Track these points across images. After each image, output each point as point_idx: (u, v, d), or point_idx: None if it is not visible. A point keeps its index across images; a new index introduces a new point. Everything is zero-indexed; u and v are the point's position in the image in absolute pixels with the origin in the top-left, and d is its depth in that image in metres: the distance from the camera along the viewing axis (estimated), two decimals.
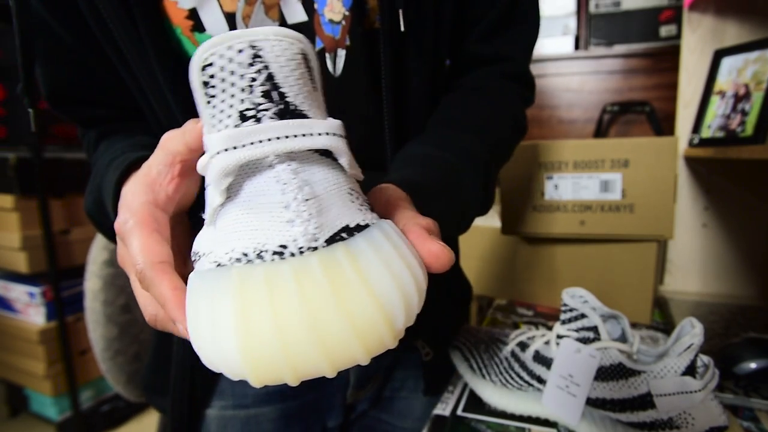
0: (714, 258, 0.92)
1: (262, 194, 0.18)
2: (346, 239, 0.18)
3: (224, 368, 0.18)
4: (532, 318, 0.75)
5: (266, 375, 0.17)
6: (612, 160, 0.67)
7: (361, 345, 0.17)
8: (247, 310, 0.17)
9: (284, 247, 0.17)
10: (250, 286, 0.17)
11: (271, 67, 0.18)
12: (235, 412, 0.50)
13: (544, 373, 0.47)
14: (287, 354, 0.16)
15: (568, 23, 1.83)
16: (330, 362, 0.17)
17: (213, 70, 0.18)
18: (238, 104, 0.18)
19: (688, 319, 0.43)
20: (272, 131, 0.18)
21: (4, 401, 1.74)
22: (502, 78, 0.49)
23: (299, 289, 0.17)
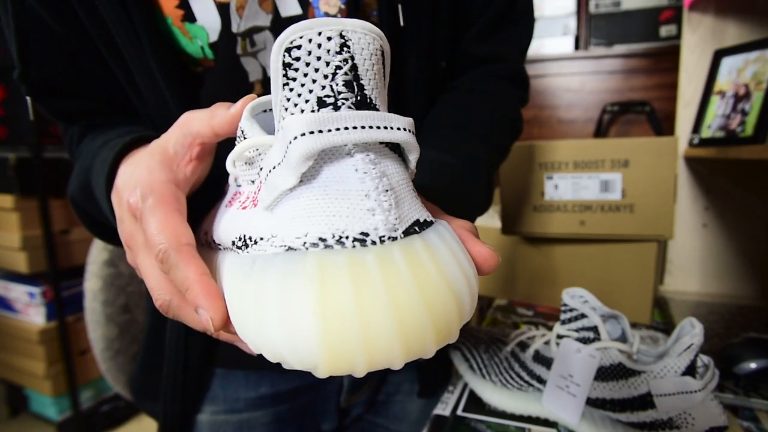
0: (714, 258, 0.92)
1: (340, 181, 0.18)
2: (419, 233, 0.19)
3: (291, 356, 0.17)
4: (532, 318, 0.75)
5: (340, 363, 0.16)
6: (612, 160, 0.67)
7: (435, 335, 0.17)
8: (329, 296, 0.16)
9: (366, 234, 0.17)
10: (332, 271, 0.16)
11: (356, 59, 0.18)
12: (227, 416, 0.49)
13: (544, 373, 0.47)
14: (366, 342, 0.16)
15: (568, 23, 1.83)
16: (405, 352, 0.17)
17: (299, 53, 0.17)
18: (318, 90, 0.18)
19: (688, 319, 0.43)
20: (357, 120, 0.18)
21: (4, 401, 1.74)
22: (498, 79, 0.49)
23: (384, 277, 0.16)
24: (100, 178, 0.31)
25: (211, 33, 0.38)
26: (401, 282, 0.17)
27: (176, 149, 0.27)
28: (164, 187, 0.25)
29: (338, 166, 0.18)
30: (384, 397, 0.57)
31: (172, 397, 0.46)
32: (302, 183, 0.18)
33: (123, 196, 0.27)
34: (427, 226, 0.20)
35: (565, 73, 1.83)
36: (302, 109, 0.18)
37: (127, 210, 0.26)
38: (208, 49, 0.39)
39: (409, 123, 0.20)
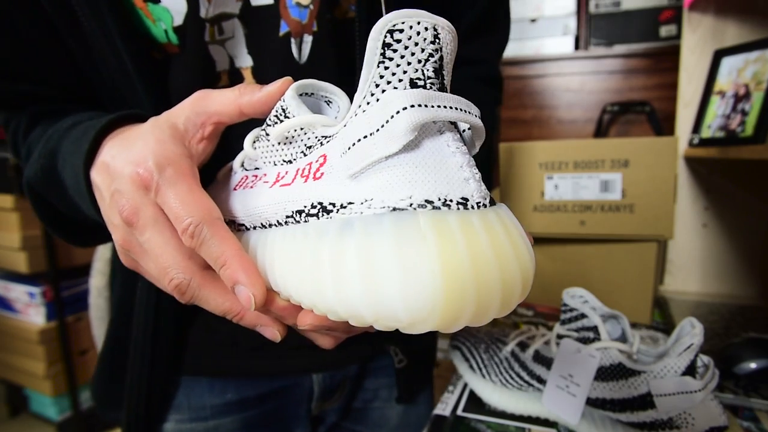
0: (714, 258, 0.92)
1: (436, 153, 0.20)
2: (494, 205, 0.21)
3: (402, 311, 0.18)
4: (532, 318, 0.75)
5: (453, 315, 0.18)
6: (612, 160, 0.67)
7: (521, 291, 0.19)
8: (447, 251, 0.17)
9: (466, 199, 0.19)
10: (446, 229, 0.18)
11: (443, 51, 0.20)
12: (193, 425, 0.47)
13: (544, 373, 0.47)
14: (478, 294, 0.18)
15: (568, 23, 1.83)
16: (502, 306, 0.19)
17: (400, 35, 0.19)
18: (412, 72, 0.19)
19: (688, 319, 0.43)
20: (451, 101, 0.20)
21: (4, 401, 1.74)
22: (476, 80, 0.51)
23: (488, 236, 0.18)
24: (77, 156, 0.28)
25: (175, 16, 0.36)
26: (502, 244, 0.18)
27: (187, 126, 0.25)
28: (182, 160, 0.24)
29: (433, 141, 0.20)
30: (361, 404, 0.56)
31: (136, 406, 0.44)
32: (397, 153, 0.19)
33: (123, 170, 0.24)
34: (493, 203, 0.21)
35: (565, 73, 1.83)
36: (395, 87, 0.20)
37: (131, 182, 0.23)
38: (172, 33, 0.37)
39: (479, 113, 0.22)
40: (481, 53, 0.50)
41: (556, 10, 1.83)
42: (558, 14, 1.83)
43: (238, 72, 0.39)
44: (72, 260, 1.57)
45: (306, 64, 0.39)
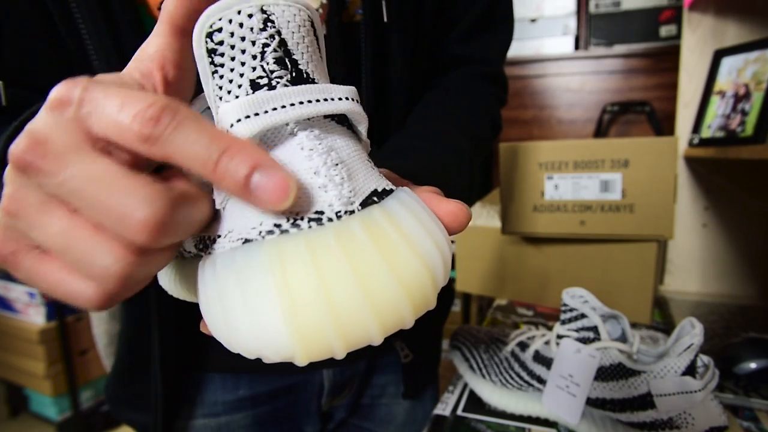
0: (714, 258, 0.92)
1: (286, 163, 0.17)
2: (378, 202, 0.18)
3: (266, 350, 0.16)
4: (532, 318, 0.75)
5: (316, 349, 0.16)
6: (612, 160, 0.67)
7: (410, 305, 0.17)
8: (291, 284, 0.15)
9: (320, 213, 0.17)
10: (291, 257, 0.16)
11: (283, 33, 0.17)
12: (206, 421, 0.48)
13: (544, 373, 0.47)
14: (338, 323, 0.16)
15: (568, 23, 1.83)
16: (381, 326, 0.16)
17: (221, 36, 0.16)
18: (249, 72, 0.17)
19: (688, 319, 0.43)
20: (293, 96, 0.17)
21: (4, 401, 1.74)
22: (479, 79, 0.50)
23: (345, 254, 0.16)
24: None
25: None
26: (365, 256, 0.16)
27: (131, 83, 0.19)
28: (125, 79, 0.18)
29: (282, 148, 0.17)
30: (369, 400, 0.56)
31: (154, 405, 0.45)
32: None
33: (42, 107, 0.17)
34: (387, 194, 0.19)
35: (565, 73, 1.83)
36: (236, 95, 0.17)
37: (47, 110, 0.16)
38: None
39: (352, 92, 0.19)
40: (482, 52, 0.50)
41: (556, 10, 1.83)
42: (558, 14, 1.84)
43: None
44: None
45: None
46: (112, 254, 0.16)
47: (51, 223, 0.16)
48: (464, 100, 0.48)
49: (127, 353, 0.49)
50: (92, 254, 0.16)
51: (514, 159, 0.73)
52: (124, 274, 0.16)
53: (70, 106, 0.16)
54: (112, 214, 0.15)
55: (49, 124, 0.16)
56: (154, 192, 0.15)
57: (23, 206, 0.16)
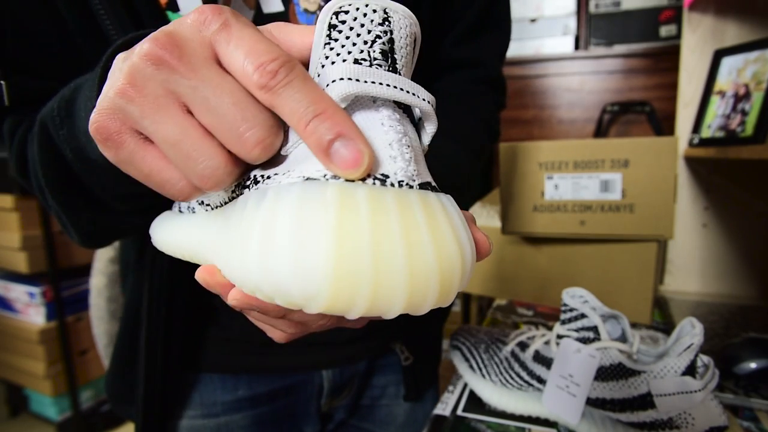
0: (714, 258, 0.92)
1: (366, 129, 0.19)
2: (432, 191, 0.19)
3: (293, 282, 0.16)
4: (532, 318, 0.75)
5: (344, 295, 0.16)
6: (612, 160, 0.67)
7: (438, 290, 0.17)
8: (345, 226, 0.16)
9: (386, 176, 0.18)
10: (352, 201, 0.16)
11: (394, 33, 0.19)
12: (205, 421, 0.48)
13: (544, 373, 0.47)
14: (375, 278, 0.16)
15: (568, 23, 1.83)
16: (407, 299, 0.17)
17: (345, 17, 0.19)
18: (357, 52, 0.19)
19: (688, 319, 0.43)
20: (391, 79, 0.19)
21: (4, 401, 1.74)
22: (477, 83, 0.50)
23: (401, 217, 0.17)
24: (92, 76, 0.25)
25: None
26: (417, 227, 0.17)
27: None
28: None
29: (367, 116, 0.19)
30: (369, 401, 0.56)
31: (150, 403, 0.44)
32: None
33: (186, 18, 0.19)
34: (437, 191, 0.20)
35: (565, 73, 1.83)
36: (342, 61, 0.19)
37: (189, 23, 0.18)
38: None
39: (433, 99, 0.21)
40: (480, 55, 0.50)
41: (556, 10, 1.83)
42: (558, 14, 1.84)
43: None
44: (72, 260, 1.57)
45: None
46: (218, 159, 0.18)
47: (166, 118, 0.17)
48: (463, 108, 0.47)
49: (123, 347, 0.49)
50: (199, 154, 0.18)
51: (514, 159, 0.73)
52: (219, 180, 0.18)
53: (210, 27, 0.18)
54: (234, 126, 0.17)
55: (188, 34, 0.18)
56: (269, 118, 0.18)
57: (143, 94, 0.18)
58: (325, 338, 0.32)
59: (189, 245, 0.26)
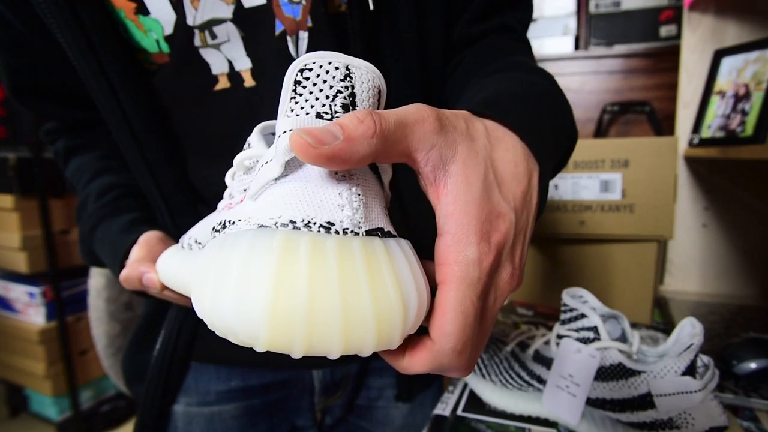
0: (714, 258, 0.92)
1: (319, 179, 0.20)
2: (380, 237, 0.20)
3: (236, 322, 0.17)
4: (532, 318, 0.75)
5: (280, 338, 0.17)
6: (612, 160, 0.67)
7: (375, 336, 0.18)
8: (285, 271, 0.17)
9: (331, 224, 0.19)
10: (293, 247, 0.18)
11: (356, 89, 0.21)
12: (200, 409, 0.50)
13: (544, 373, 0.47)
14: (310, 323, 0.17)
15: (568, 23, 1.83)
16: (343, 343, 0.17)
17: (309, 74, 0.20)
18: (318, 106, 0.20)
19: (688, 319, 0.43)
20: None
21: (4, 401, 1.74)
22: (510, 41, 0.45)
23: (340, 264, 0.18)
24: (113, 265, 0.40)
25: (165, 26, 0.37)
26: (355, 273, 0.18)
27: None
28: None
29: (321, 169, 0.20)
30: (365, 402, 0.56)
31: (155, 385, 0.47)
32: (287, 176, 0.20)
33: None
34: (391, 236, 0.21)
35: (565, 73, 1.83)
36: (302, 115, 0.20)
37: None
38: (163, 43, 0.38)
39: None
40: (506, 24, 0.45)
41: (556, 10, 1.83)
42: (558, 14, 1.83)
43: (239, 75, 0.39)
44: (72, 260, 1.57)
45: None
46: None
47: None
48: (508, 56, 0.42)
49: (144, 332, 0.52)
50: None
51: None
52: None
53: None
54: None
55: None
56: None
57: None
58: None
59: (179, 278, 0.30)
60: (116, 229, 0.42)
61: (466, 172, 0.21)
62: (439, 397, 0.60)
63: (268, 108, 0.39)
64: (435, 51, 0.43)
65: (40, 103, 0.45)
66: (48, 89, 0.44)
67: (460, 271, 0.20)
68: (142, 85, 0.40)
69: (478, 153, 0.22)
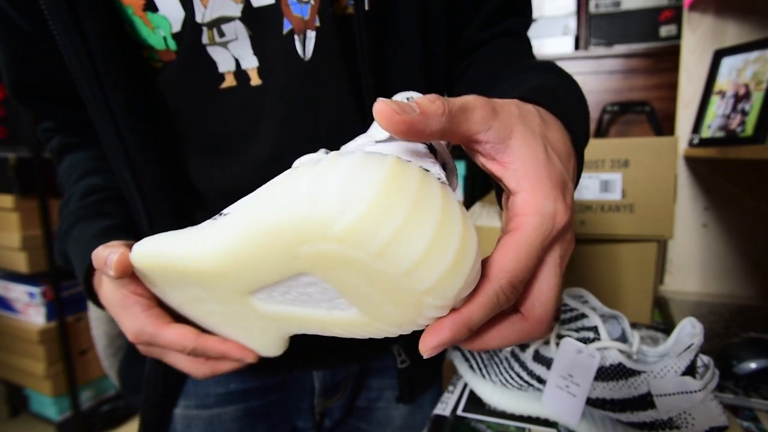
0: (714, 258, 0.92)
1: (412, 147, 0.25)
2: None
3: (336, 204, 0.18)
4: None
5: (373, 222, 0.18)
6: (612, 160, 0.67)
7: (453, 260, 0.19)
8: (398, 174, 0.19)
9: (427, 170, 0.21)
10: (404, 165, 0.19)
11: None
12: (199, 411, 0.50)
13: (544, 373, 0.47)
14: (407, 221, 0.18)
15: (568, 23, 1.83)
16: (425, 252, 0.18)
17: None
18: None
19: (688, 319, 0.43)
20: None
21: (4, 401, 1.74)
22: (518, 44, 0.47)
23: (442, 192, 0.20)
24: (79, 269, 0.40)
25: (174, 23, 0.37)
26: (452, 206, 0.19)
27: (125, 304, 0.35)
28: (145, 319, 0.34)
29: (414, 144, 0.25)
30: (365, 403, 0.56)
31: (154, 390, 0.47)
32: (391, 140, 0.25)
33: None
34: None
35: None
36: None
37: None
38: (171, 40, 0.38)
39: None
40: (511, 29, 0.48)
41: (556, 10, 1.83)
42: (558, 14, 1.83)
43: (245, 73, 0.39)
44: None
45: (311, 60, 0.39)
46: None
47: None
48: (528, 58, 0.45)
49: None
50: None
51: None
52: None
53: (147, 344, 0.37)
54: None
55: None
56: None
57: None
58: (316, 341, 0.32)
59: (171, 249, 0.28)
60: (91, 232, 0.40)
61: (527, 143, 0.23)
62: (439, 398, 0.60)
63: (273, 107, 0.39)
64: (437, 53, 0.45)
65: (40, 102, 0.45)
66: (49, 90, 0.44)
67: (533, 220, 0.22)
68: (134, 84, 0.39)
69: (534, 130, 0.24)
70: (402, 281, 0.19)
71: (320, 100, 0.40)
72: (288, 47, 0.38)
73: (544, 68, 0.37)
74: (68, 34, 0.35)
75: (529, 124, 0.24)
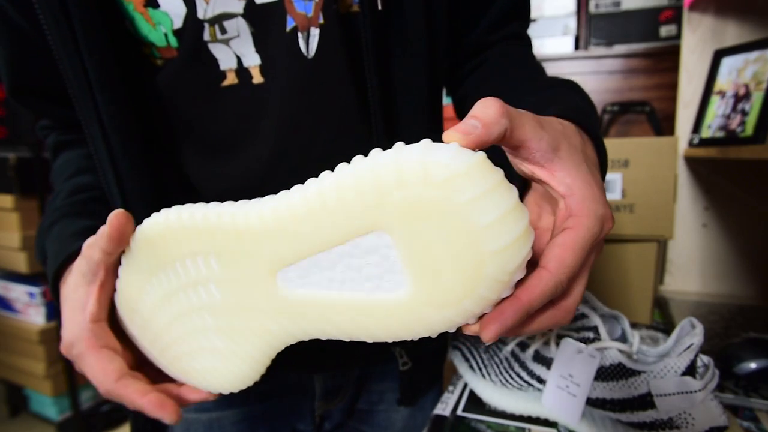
0: (714, 258, 0.92)
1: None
2: None
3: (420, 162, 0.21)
4: None
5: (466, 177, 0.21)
6: (612, 160, 0.67)
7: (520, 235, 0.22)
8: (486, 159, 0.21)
9: None
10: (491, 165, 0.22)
11: None
12: (198, 415, 0.49)
13: (544, 373, 0.47)
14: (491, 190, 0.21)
15: (568, 23, 1.83)
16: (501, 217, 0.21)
17: None
18: None
19: (688, 319, 0.43)
20: None
21: (4, 401, 1.74)
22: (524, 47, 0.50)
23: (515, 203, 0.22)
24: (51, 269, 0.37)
25: (175, 19, 0.37)
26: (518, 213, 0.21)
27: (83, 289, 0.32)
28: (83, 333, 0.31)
29: None
30: (366, 406, 0.56)
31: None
32: None
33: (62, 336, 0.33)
34: None
35: (565, 73, 1.83)
36: None
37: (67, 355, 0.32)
38: (172, 37, 0.38)
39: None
40: (517, 30, 0.50)
41: (556, 10, 1.83)
42: (558, 14, 1.83)
43: (247, 71, 0.39)
44: None
45: (314, 58, 0.38)
46: None
47: None
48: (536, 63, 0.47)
49: None
50: None
51: None
52: None
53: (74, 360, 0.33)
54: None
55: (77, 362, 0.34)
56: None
57: None
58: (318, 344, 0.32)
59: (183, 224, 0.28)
60: (70, 231, 0.39)
61: (573, 157, 0.26)
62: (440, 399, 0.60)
63: (275, 105, 0.39)
64: (440, 53, 0.44)
65: (37, 100, 0.44)
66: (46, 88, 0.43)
67: (588, 222, 0.24)
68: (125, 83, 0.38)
69: (576, 147, 0.27)
70: (479, 236, 0.21)
71: (323, 98, 0.39)
72: (291, 45, 0.38)
73: (566, 85, 0.39)
74: (58, 28, 0.35)
75: (572, 141, 0.27)
